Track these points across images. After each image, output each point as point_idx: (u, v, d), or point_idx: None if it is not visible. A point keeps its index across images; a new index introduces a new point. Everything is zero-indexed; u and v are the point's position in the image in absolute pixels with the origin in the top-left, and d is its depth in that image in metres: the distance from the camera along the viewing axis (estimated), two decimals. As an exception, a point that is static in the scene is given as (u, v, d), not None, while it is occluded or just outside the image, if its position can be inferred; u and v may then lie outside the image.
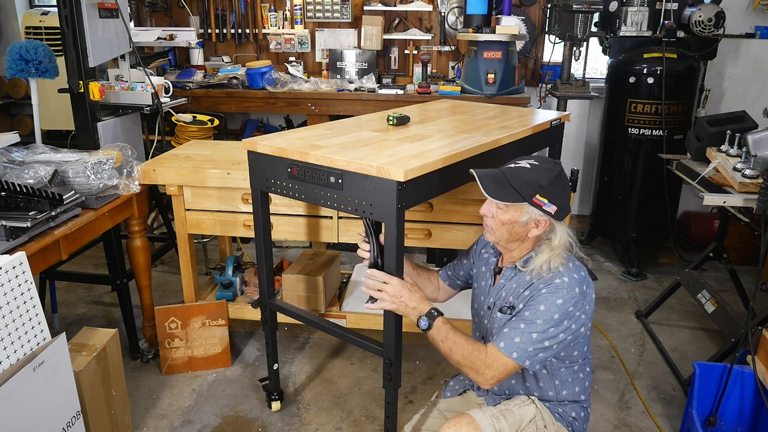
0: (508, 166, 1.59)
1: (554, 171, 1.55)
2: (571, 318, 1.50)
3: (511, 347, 1.49)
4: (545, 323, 1.49)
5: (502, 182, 1.55)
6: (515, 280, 1.62)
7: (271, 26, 4.24)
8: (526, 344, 1.48)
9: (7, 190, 1.86)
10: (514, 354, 1.49)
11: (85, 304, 3.34)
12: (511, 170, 1.57)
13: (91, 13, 2.48)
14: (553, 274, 1.53)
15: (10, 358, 1.55)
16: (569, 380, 1.65)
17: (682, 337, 3.05)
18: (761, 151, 2.37)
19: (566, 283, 1.51)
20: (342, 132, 2.05)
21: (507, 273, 1.65)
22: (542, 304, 1.50)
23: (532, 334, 1.49)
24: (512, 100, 3.63)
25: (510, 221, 1.56)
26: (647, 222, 3.66)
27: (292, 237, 2.50)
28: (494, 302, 1.67)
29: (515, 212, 1.55)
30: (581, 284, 1.53)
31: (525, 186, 1.52)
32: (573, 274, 1.54)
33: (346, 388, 2.61)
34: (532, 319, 1.50)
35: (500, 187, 1.54)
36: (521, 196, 1.52)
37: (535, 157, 1.60)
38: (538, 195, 1.52)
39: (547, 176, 1.53)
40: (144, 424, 2.38)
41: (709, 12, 3.31)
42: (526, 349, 1.48)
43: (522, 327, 1.50)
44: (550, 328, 1.49)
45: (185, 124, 3.30)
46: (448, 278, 1.94)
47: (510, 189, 1.53)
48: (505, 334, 1.51)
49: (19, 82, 3.85)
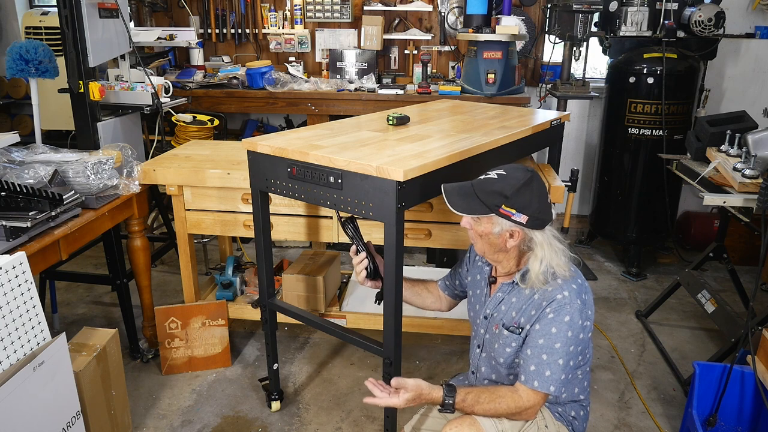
0: (479, 178, 1.59)
1: (522, 180, 1.51)
2: (582, 330, 1.52)
3: (546, 383, 1.50)
4: (564, 345, 1.49)
5: (468, 195, 1.55)
6: (515, 295, 1.61)
7: (271, 26, 4.25)
8: (557, 374, 1.50)
9: (7, 190, 1.86)
10: (551, 388, 1.50)
11: (85, 304, 3.34)
12: (480, 182, 1.57)
13: (91, 13, 2.48)
14: (553, 288, 1.52)
15: (10, 358, 1.55)
16: (569, 382, 1.64)
17: (682, 337, 3.05)
18: (761, 151, 2.37)
19: (567, 298, 1.50)
20: (342, 132, 2.05)
21: (504, 287, 1.65)
22: (552, 326, 1.50)
23: (558, 361, 1.49)
24: (512, 100, 3.63)
25: (485, 233, 1.56)
26: (647, 222, 3.66)
27: (292, 237, 2.50)
28: (492, 314, 1.66)
29: (487, 224, 1.55)
30: (581, 294, 1.53)
31: (490, 197, 1.51)
32: (571, 285, 1.53)
33: (346, 388, 2.61)
34: (549, 345, 1.50)
35: (466, 200, 1.54)
36: (487, 207, 1.52)
37: (506, 167, 1.57)
38: (503, 205, 1.50)
39: (512, 186, 1.50)
40: (144, 424, 2.38)
41: (709, 12, 3.31)
42: (559, 378, 1.50)
43: (545, 359, 1.50)
44: (570, 347, 1.50)
45: (185, 124, 3.30)
46: (447, 288, 1.93)
47: (476, 201, 1.53)
48: (533, 372, 1.51)
49: (19, 82, 3.85)
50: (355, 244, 1.82)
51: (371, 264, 1.82)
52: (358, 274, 1.84)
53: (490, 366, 1.70)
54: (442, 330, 2.65)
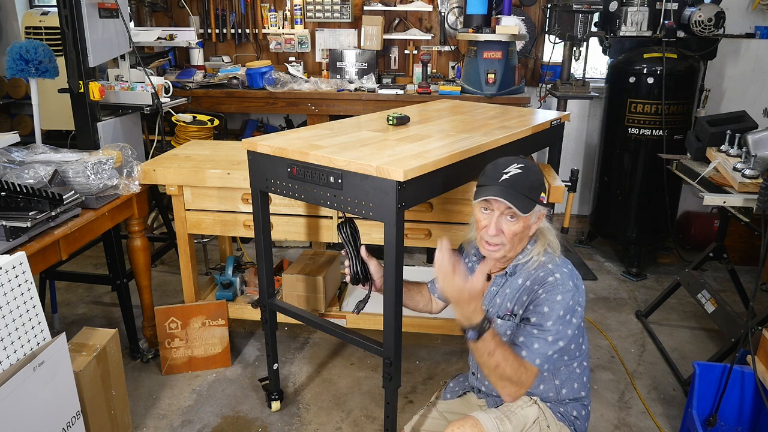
0: (504, 178, 1.54)
1: (533, 164, 1.60)
2: (573, 312, 1.52)
3: (532, 354, 1.50)
4: (555, 323, 1.50)
5: (515, 196, 1.52)
6: (508, 286, 1.63)
7: (271, 26, 4.25)
8: (545, 348, 1.50)
9: (7, 190, 1.86)
10: (537, 360, 1.49)
11: (85, 304, 3.34)
12: (513, 181, 1.53)
13: (91, 13, 2.48)
14: (545, 273, 1.55)
15: (10, 358, 1.55)
16: (568, 378, 1.65)
17: (682, 337, 3.05)
18: (761, 151, 2.37)
19: (559, 279, 1.53)
20: (342, 132, 2.05)
21: (498, 280, 1.66)
22: (544, 305, 1.51)
23: (548, 337, 1.50)
24: (512, 100, 3.63)
25: (522, 228, 1.56)
26: (647, 222, 3.66)
27: (292, 237, 2.50)
28: (488, 309, 1.66)
29: (527, 218, 1.56)
30: (572, 277, 1.55)
31: (533, 191, 1.55)
32: (562, 268, 1.57)
33: (346, 388, 2.61)
34: (541, 322, 1.51)
35: (520, 201, 1.52)
36: (534, 201, 1.55)
37: (514, 160, 1.58)
38: (542, 193, 1.57)
39: (538, 173, 1.58)
40: (144, 424, 2.38)
41: (709, 12, 3.31)
42: (547, 353, 1.50)
43: (535, 333, 1.51)
44: (560, 326, 1.50)
45: (185, 124, 3.30)
46: (437, 291, 1.92)
47: (526, 199, 1.53)
48: (522, 342, 1.51)
49: (19, 82, 3.85)
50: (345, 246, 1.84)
51: (358, 268, 1.82)
52: (346, 276, 1.87)
53: None
54: (442, 330, 2.65)
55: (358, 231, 1.89)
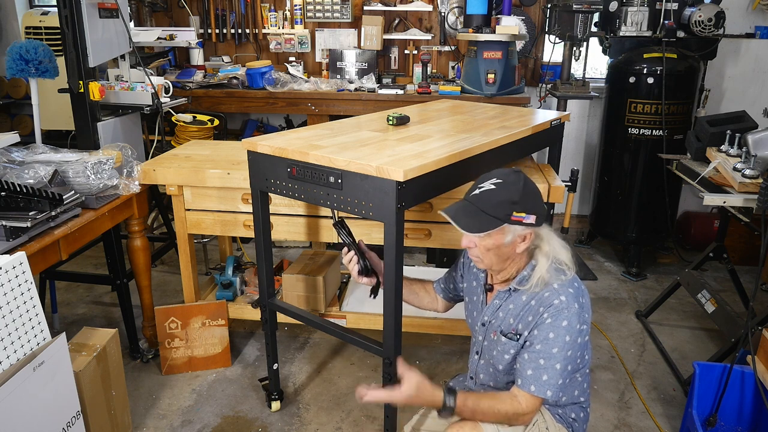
0: (473, 193, 1.52)
1: (520, 182, 1.50)
2: (580, 334, 1.51)
3: (543, 387, 1.49)
4: (561, 349, 1.48)
5: (474, 213, 1.49)
6: (512, 301, 1.60)
7: (271, 26, 4.24)
8: (554, 378, 1.49)
9: (7, 190, 1.86)
10: (548, 393, 1.49)
11: (85, 304, 3.34)
12: (478, 197, 1.51)
13: (91, 13, 2.48)
14: (550, 294, 1.51)
15: (10, 358, 1.55)
16: (569, 386, 1.64)
17: (682, 337, 3.05)
18: (761, 151, 2.37)
19: (564, 302, 1.49)
20: (342, 132, 2.05)
21: (501, 294, 1.63)
22: (550, 331, 1.49)
23: (556, 366, 1.48)
24: (512, 100, 3.63)
25: (494, 246, 1.52)
26: (647, 222, 3.66)
27: (292, 237, 2.50)
28: (490, 321, 1.65)
29: (498, 235, 1.50)
30: (578, 297, 1.51)
31: (499, 208, 1.47)
32: (568, 288, 1.52)
33: (346, 388, 2.61)
34: (547, 350, 1.49)
35: (475, 219, 1.49)
36: (499, 219, 1.48)
37: (497, 174, 1.53)
38: (514, 212, 1.47)
39: (517, 190, 1.48)
40: (144, 424, 2.38)
41: (709, 12, 3.31)
42: (556, 383, 1.49)
43: (542, 363, 1.49)
44: (568, 352, 1.49)
45: (185, 124, 3.30)
46: (442, 291, 1.92)
47: (485, 217, 1.48)
48: (530, 376, 1.50)
49: (19, 82, 3.85)
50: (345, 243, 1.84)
51: (361, 261, 1.82)
52: (351, 271, 1.84)
53: (488, 373, 1.70)
54: (442, 330, 2.65)
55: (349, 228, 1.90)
